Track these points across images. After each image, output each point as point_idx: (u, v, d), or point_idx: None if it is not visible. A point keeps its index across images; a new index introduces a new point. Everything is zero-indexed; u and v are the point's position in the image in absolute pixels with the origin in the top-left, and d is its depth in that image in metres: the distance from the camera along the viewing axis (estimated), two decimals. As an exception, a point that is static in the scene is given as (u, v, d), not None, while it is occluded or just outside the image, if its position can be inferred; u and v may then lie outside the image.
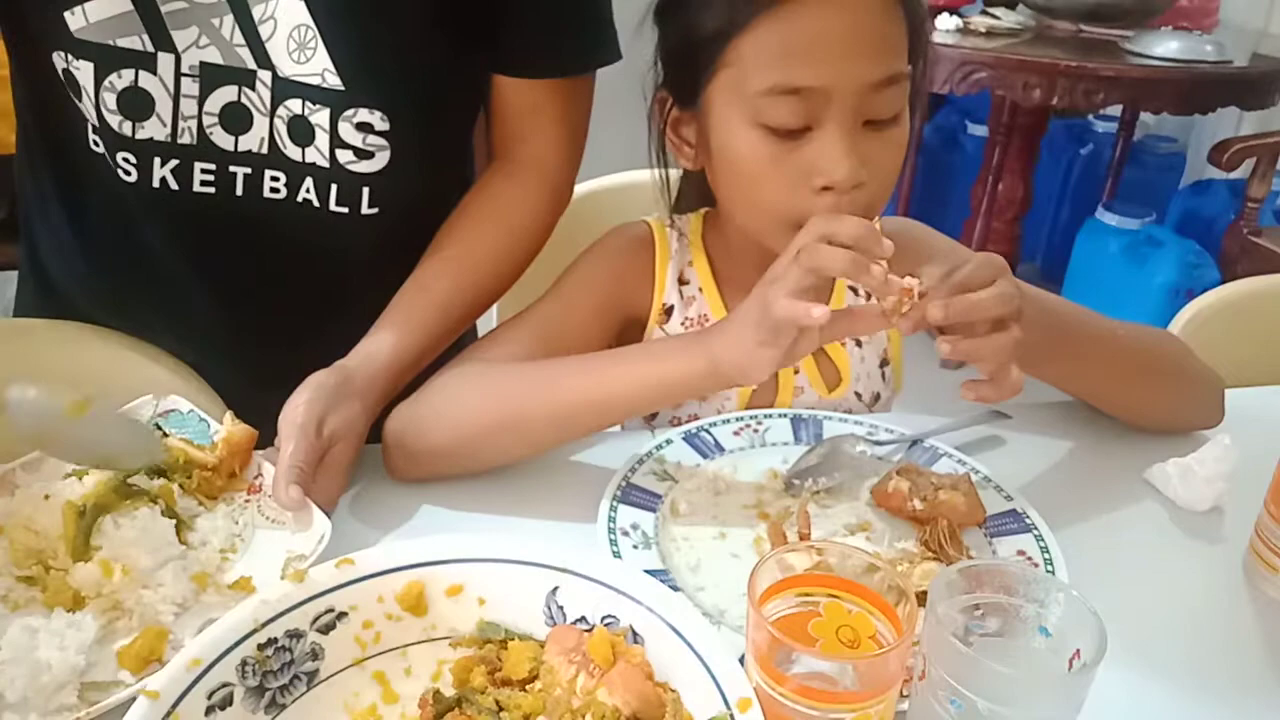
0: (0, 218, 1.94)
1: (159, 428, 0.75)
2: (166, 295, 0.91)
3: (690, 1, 0.78)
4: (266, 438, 0.73)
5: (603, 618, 0.56)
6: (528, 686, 0.54)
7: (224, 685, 0.51)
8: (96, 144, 0.84)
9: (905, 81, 0.75)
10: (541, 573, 0.57)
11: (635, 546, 0.70)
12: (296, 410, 0.71)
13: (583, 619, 0.56)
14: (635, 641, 0.54)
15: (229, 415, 0.73)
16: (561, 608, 0.57)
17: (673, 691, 0.52)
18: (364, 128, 0.84)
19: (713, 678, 0.50)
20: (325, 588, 0.55)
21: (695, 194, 0.94)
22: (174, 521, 0.67)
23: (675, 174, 0.92)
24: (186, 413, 0.77)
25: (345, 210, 0.87)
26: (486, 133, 0.95)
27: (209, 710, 0.50)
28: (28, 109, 0.89)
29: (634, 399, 0.75)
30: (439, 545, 0.58)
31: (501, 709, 0.52)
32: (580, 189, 1.00)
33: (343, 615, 0.55)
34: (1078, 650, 0.51)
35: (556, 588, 0.57)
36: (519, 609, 0.57)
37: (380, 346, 0.80)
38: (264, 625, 0.53)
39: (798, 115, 0.73)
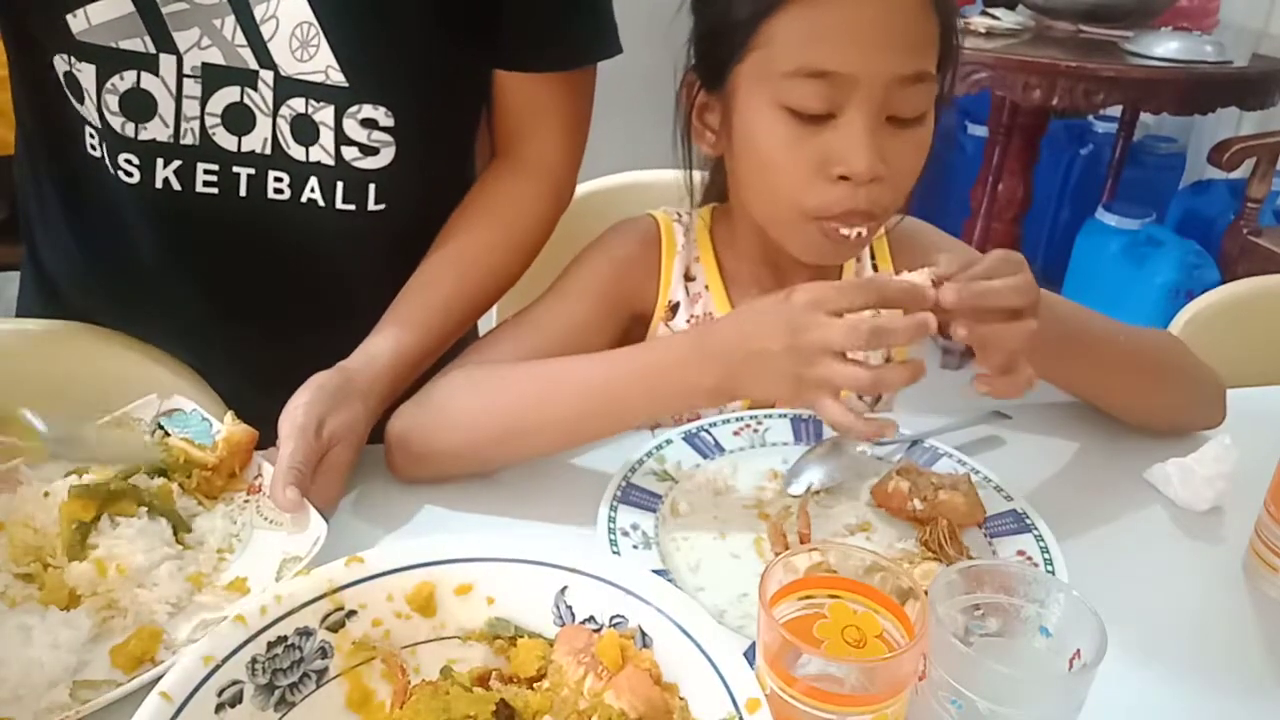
0: (1, 218, 1.94)
1: (161, 427, 0.75)
2: (166, 296, 0.92)
3: None
4: (268, 439, 0.73)
5: (611, 618, 0.56)
6: (535, 685, 0.54)
7: (234, 683, 0.51)
8: (94, 148, 0.84)
9: (932, 84, 0.75)
10: (551, 572, 0.57)
11: (635, 547, 0.70)
12: (296, 411, 0.71)
13: (591, 619, 0.56)
14: (644, 641, 0.55)
15: (229, 415, 0.74)
16: (570, 607, 0.57)
17: (681, 699, 0.52)
18: (369, 124, 0.84)
19: (721, 679, 0.50)
20: (335, 585, 0.55)
21: (716, 191, 0.93)
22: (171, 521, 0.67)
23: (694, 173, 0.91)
24: (189, 412, 0.77)
25: (352, 208, 0.87)
26: (488, 131, 0.95)
27: (219, 708, 0.50)
28: (27, 110, 0.90)
29: (639, 411, 0.76)
30: (448, 544, 0.58)
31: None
32: (580, 189, 1.00)
33: (352, 614, 0.56)
34: (1078, 650, 0.51)
35: (565, 587, 0.57)
36: (528, 608, 0.57)
37: (382, 347, 0.81)
38: (275, 623, 0.53)
39: (822, 100, 0.72)
